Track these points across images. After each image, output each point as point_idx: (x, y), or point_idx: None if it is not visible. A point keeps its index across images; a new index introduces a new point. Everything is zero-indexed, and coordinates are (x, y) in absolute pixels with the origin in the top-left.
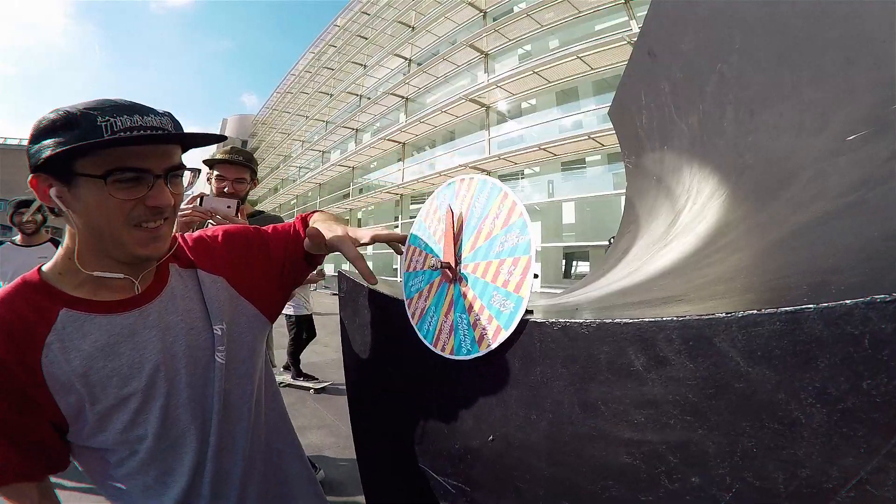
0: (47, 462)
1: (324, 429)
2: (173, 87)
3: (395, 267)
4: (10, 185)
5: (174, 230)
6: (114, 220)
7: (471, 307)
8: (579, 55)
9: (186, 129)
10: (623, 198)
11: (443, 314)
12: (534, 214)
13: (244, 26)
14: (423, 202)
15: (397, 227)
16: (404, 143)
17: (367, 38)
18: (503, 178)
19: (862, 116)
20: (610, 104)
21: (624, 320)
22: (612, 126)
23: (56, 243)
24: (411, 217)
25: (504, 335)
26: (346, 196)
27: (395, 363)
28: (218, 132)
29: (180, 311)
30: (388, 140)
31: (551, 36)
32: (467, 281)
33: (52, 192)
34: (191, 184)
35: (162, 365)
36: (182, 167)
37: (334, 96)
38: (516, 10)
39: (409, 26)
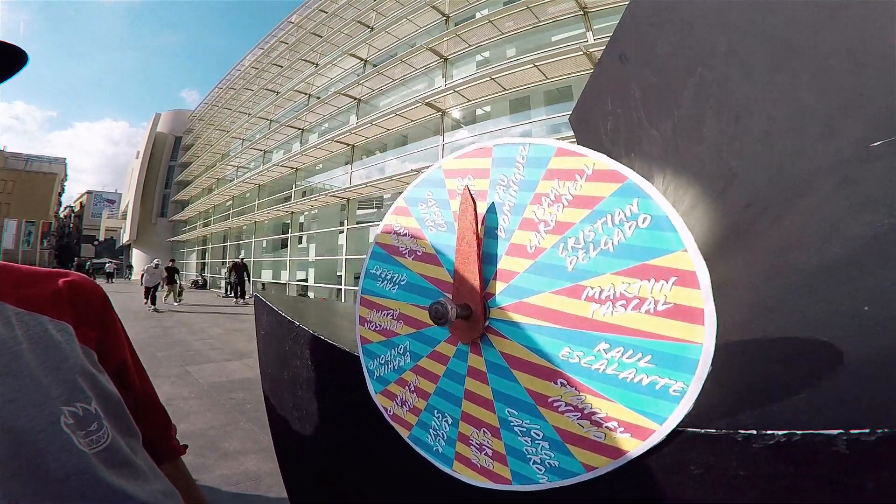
0: None
1: (261, 453)
2: (110, 81)
3: (339, 274)
4: None
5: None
6: None
7: (533, 383)
8: (536, 63)
9: (113, 124)
10: None
11: (468, 410)
12: None
13: (194, 20)
14: (371, 207)
15: (342, 232)
16: (353, 146)
17: (321, 37)
18: None
19: (880, 122)
20: (559, 114)
21: None
22: (562, 136)
23: None
24: (358, 222)
25: (654, 436)
26: (288, 199)
27: (366, 454)
28: (149, 128)
29: None
30: (337, 142)
31: (509, 44)
32: (512, 334)
33: None
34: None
35: None
36: None
37: (281, 94)
38: (478, 16)
39: (368, 27)
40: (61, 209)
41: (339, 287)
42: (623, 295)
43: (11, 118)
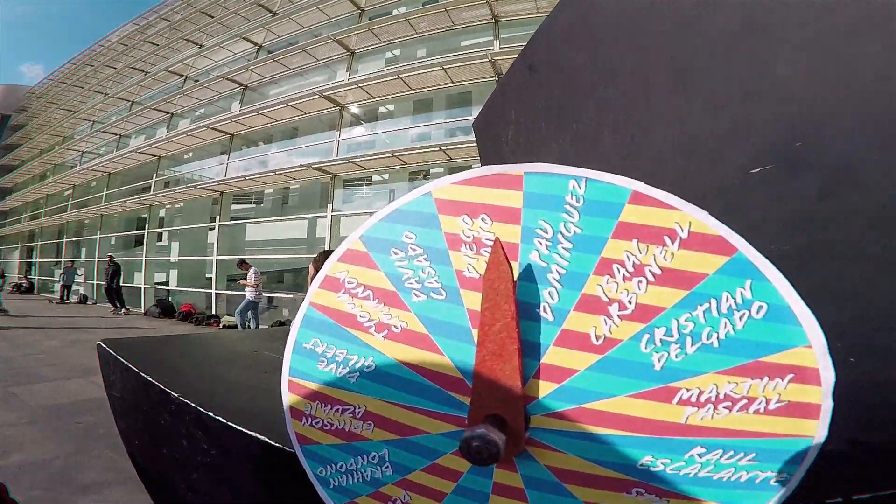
0: None
1: (128, 484)
2: None
3: (208, 276)
4: None
5: None
6: None
7: (596, 497)
8: (444, 66)
9: None
10: None
11: None
12: None
13: None
14: (250, 202)
15: (213, 229)
16: (233, 135)
17: (213, 17)
18: (349, 183)
19: (764, 151)
20: (458, 119)
21: None
22: (460, 140)
23: None
24: (233, 218)
25: None
26: (147, 189)
27: None
28: None
29: None
30: (213, 129)
31: (420, 44)
32: (566, 446)
33: None
34: None
35: None
36: None
37: (150, 74)
38: (395, 13)
39: (271, 11)
40: None
41: (209, 291)
42: (729, 396)
43: None
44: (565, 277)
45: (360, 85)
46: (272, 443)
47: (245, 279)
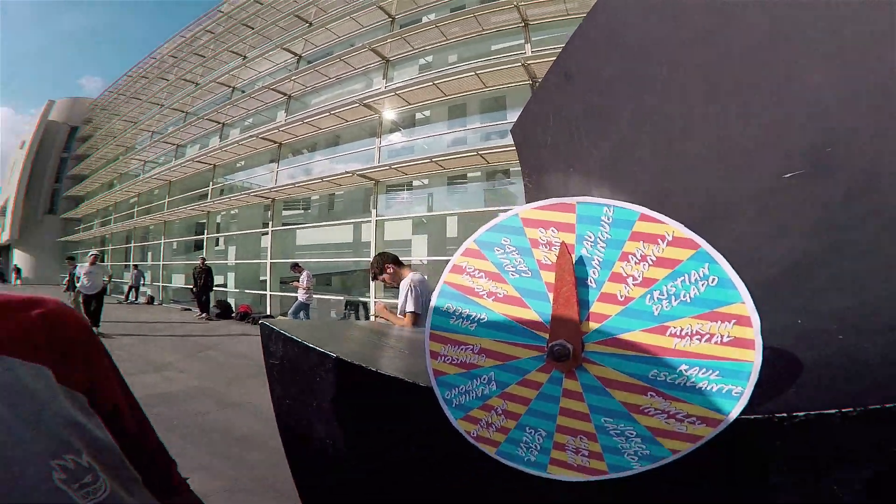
0: None
1: (200, 471)
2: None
3: (262, 278)
4: None
5: None
6: None
7: (627, 397)
8: (477, 72)
9: None
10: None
11: (564, 423)
12: (419, 227)
13: (108, 3)
14: (298, 208)
15: (266, 233)
16: (281, 144)
17: (253, 28)
18: (391, 188)
19: (795, 156)
20: (492, 123)
21: None
22: (496, 144)
23: None
24: (284, 224)
25: (722, 424)
26: (204, 197)
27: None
28: (39, 116)
29: None
30: (263, 138)
31: (451, 50)
32: (606, 362)
33: None
34: None
35: None
36: None
37: (201, 85)
38: (425, 20)
39: (307, 22)
40: None
41: (265, 293)
42: (698, 332)
43: None
44: (602, 263)
45: (397, 92)
46: (418, 383)
47: (297, 282)
